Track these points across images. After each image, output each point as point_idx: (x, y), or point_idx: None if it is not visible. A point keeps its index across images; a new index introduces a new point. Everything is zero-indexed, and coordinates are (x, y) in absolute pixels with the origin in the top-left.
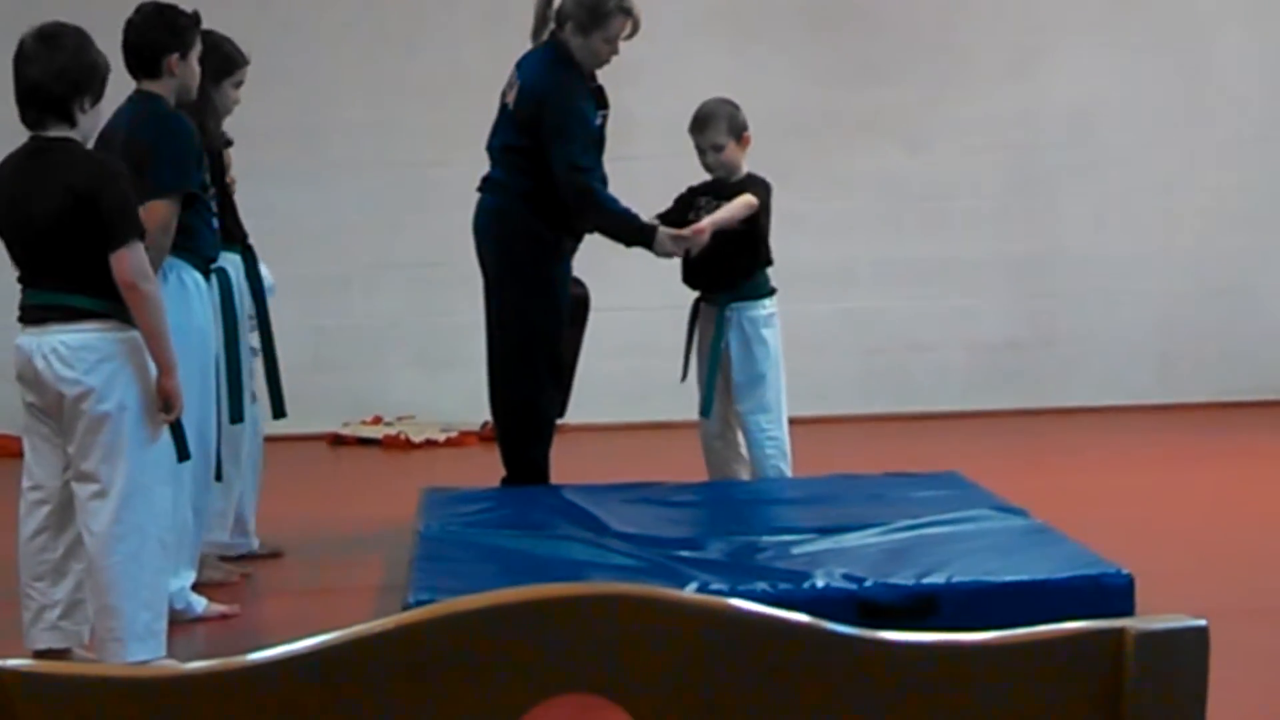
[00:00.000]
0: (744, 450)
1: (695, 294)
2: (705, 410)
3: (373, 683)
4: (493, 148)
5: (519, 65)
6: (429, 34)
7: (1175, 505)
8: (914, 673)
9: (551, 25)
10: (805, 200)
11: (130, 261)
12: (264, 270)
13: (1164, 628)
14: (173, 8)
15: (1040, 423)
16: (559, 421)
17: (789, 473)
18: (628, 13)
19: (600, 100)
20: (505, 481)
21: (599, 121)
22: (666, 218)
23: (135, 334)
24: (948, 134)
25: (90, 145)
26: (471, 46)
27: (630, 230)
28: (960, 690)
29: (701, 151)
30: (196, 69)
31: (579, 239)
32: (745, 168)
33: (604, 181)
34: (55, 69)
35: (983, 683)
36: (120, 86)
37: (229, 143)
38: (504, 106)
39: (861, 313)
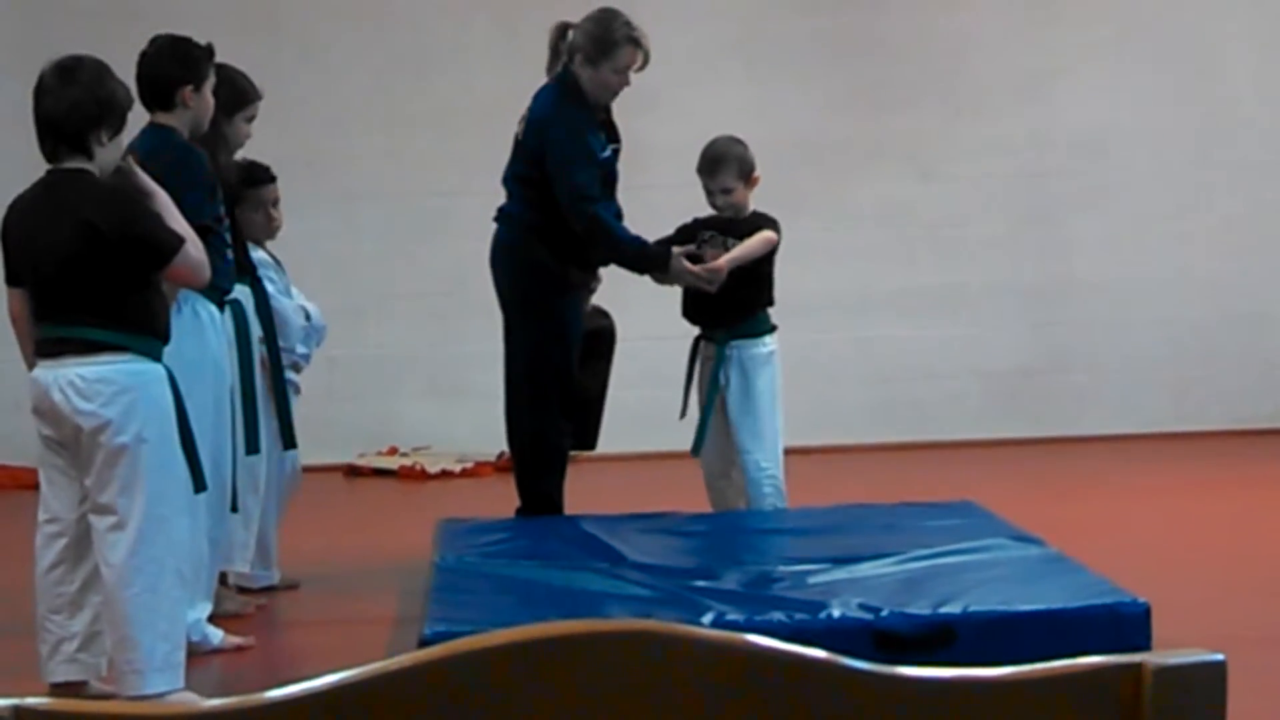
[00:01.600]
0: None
1: (695, 329)
2: (696, 449)
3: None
4: (506, 179)
5: (534, 98)
6: (442, 64)
7: (1191, 534)
8: (932, 708)
9: (564, 59)
10: (818, 229)
11: (186, 271)
12: (316, 312)
13: (1182, 662)
14: (187, 40)
15: (1054, 451)
16: (588, 453)
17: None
18: (636, 44)
19: (611, 133)
20: (520, 512)
21: (608, 154)
22: (664, 244)
23: (152, 366)
24: (960, 161)
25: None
26: (484, 76)
27: (640, 257)
28: None
29: (710, 193)
30: (210, 101)
31: (594, 272)
32: (752, 205)
33: (618, 215)
34: (69, 102)
35: (1000, 717)
36: (135, 118)
37: (272, 178)
38: (516, 138)
39: (874, 341)
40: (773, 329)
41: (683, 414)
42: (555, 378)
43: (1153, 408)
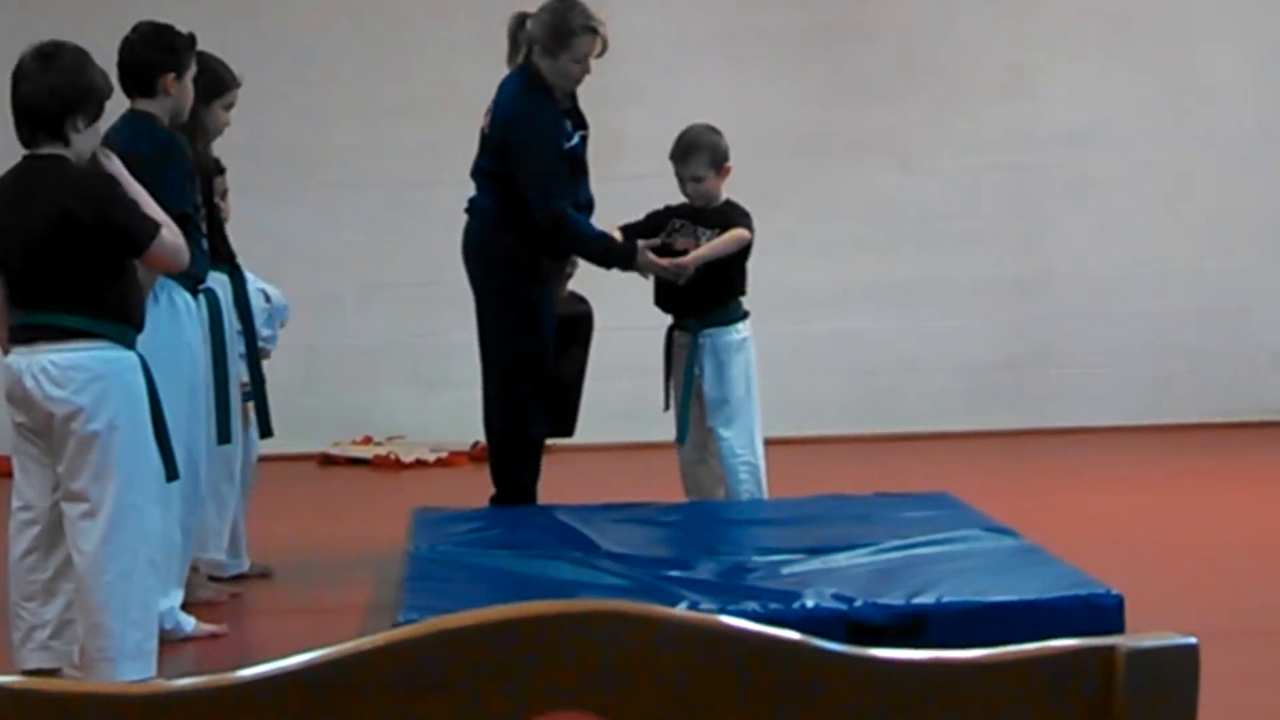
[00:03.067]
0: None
1: (668, 317)
2: (681, 437)
3: (363, 700)
4: (474, 172)
5: (499, 89)
6: (421, 55)
7: (1167, 526)
8: (904, 690)
9: (524, 49)
10: (798, 220)
11: (164, 257)
12: (276, 293)
13: (1154, 645)
14: (169, 28)
15: (1033, 443)
16: (565, 441)
17: (763, 496)
18: (593, 32)
19: (577, 120)
20: (494, 501)
21: (575, 143)
22: (633, 230)
23: (125, 353)
24: (942, 154)
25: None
26: (463, 67)
27: (606, 253)
28: (950, 708)
29: (681, 181)
30: (191, 90)
31: (564, 261)
32: (724, 195)
33: (590, 205)
34: (47, 87)
35: (973, 700)
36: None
37: (222, 169)
38: (482, 131)
39: (854, 333)
40: (745, 315)
41: (666, 406)
42: (528, 367)
43: (1132, 400)
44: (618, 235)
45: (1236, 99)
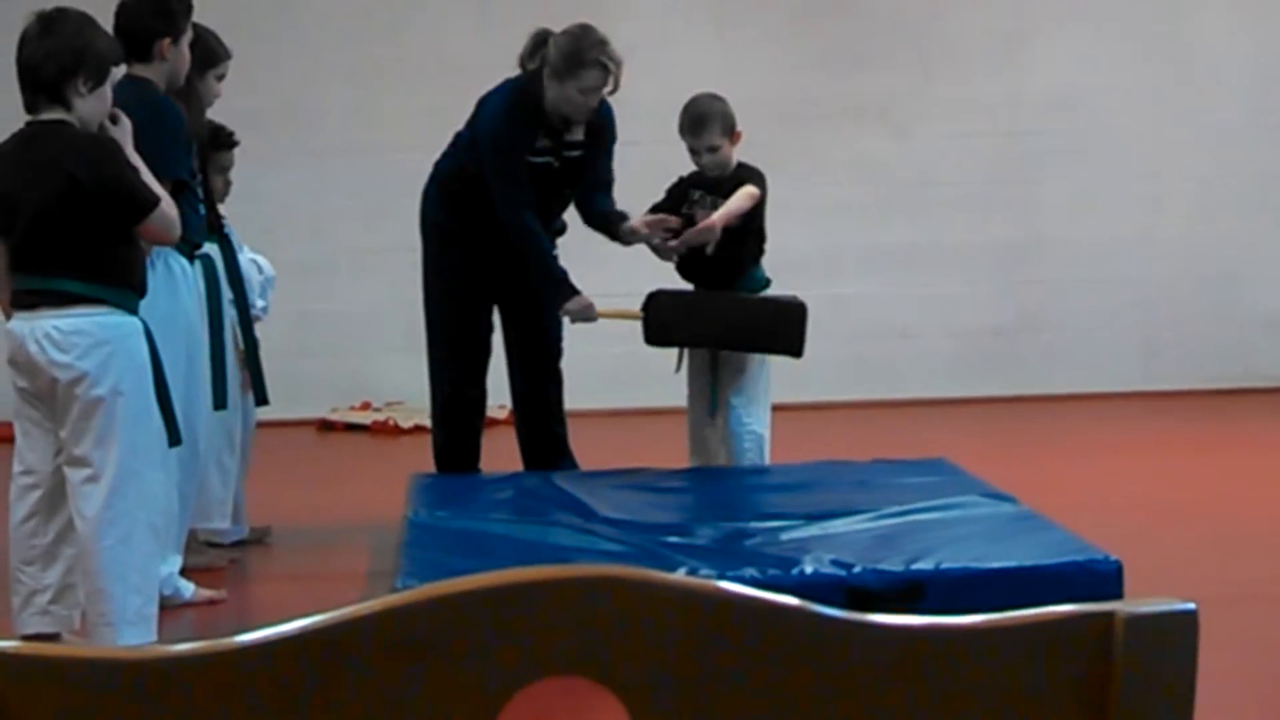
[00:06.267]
0: None
1: (688, 285)
2: (713, 409)
3: (361, 664)
4: (457, 135)
5: (492, 92)
6: (416, 19)
7: (1161, 492)
8: (902, 655)
9: (536, 64)
10: (790, 187)
11: (158, 230)
12: (265, 263)
13: (1153, 610)
14: None
15: (1026, 409)
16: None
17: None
18: (605, 69)
19: (558, 143)
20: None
21: (542, 162)
22: (660, 209)
23: (128, 319)
24: (933, 120)
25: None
26: (458, 32)
27: (547, 277)
28: (948, 673)
29: (695, 153)
30: (187, 55)
31: (492, 233)
32: (735, 159)
33: (555, 226)
34: (45, 51)
35: (971, 665)
36: None
37: (235, 142)
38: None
39: (846, 299)
40: (768, 283)
41: (677, 368)
42: (439, 331)
43: (1123, 367)
44: (642, 220)
45: (1227, 65)
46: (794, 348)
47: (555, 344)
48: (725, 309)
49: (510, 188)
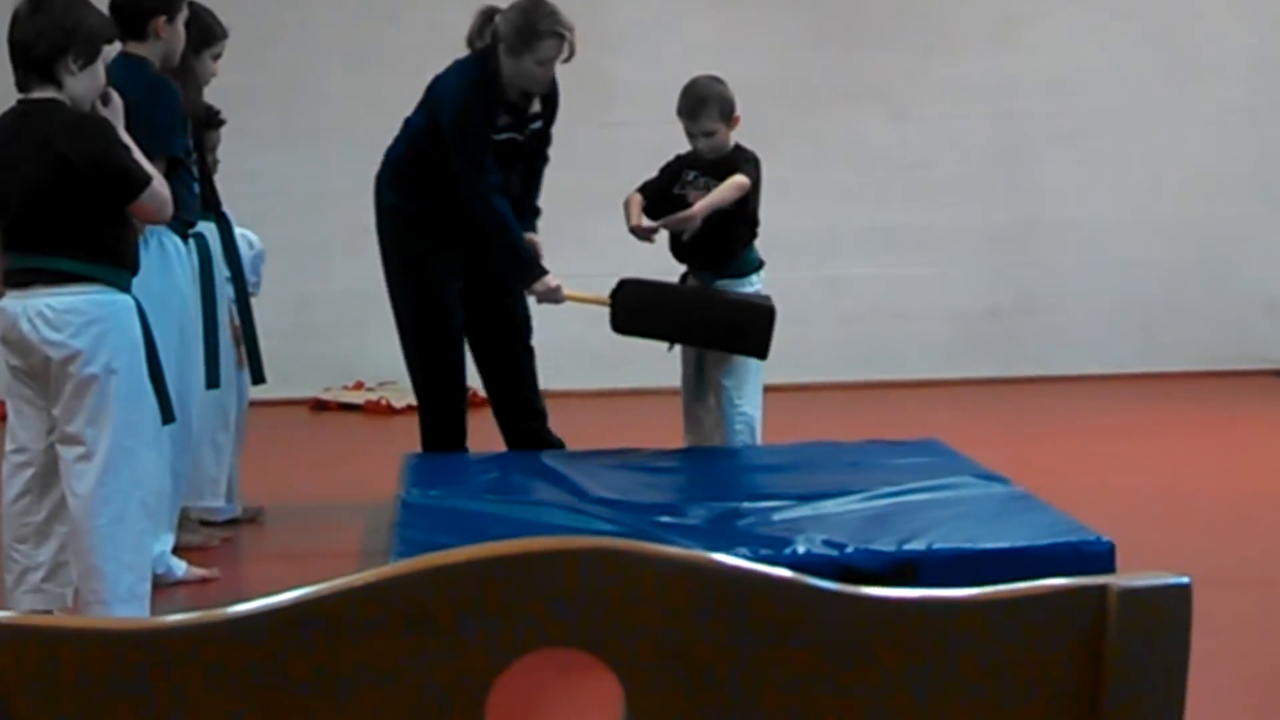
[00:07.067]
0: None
1: (682, 267)
2: (703, 390)
3: (354, 636)
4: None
5: (446, 72)
6: (412, 2)
7: (1155, 474)
8: (896, 628)
9: (488, 42)
10: (787, 168)
11: (150, 209)
12: (254, 238)
13: (1147, 584)
14: None
15: (1020, 391)
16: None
17: None
18: (560, 37)
19: (518, 117)
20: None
21: (504, 137)
22: (652, 188)
23: (121, 297)
24: (930, 101)
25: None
26: (454, 12)
27: (518, 261)
28: (942, 646)
29: (692, 136)
30: (182, 34)
31: (451, 218)
32: (733, 141)
33: (521, 205)
34: (36, 30)
35: (964, 638)
36: None
37: (222, 121)
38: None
39: (842, 280)
40: (759, 266)
41: (670, 347)
42: (407, 317)
43: (1120, 349)
44: (637, 203)
45: (1225, 47)
46: (759, 350)
47: (525, 320)
48: (692, 305)
49: (478, 172)
